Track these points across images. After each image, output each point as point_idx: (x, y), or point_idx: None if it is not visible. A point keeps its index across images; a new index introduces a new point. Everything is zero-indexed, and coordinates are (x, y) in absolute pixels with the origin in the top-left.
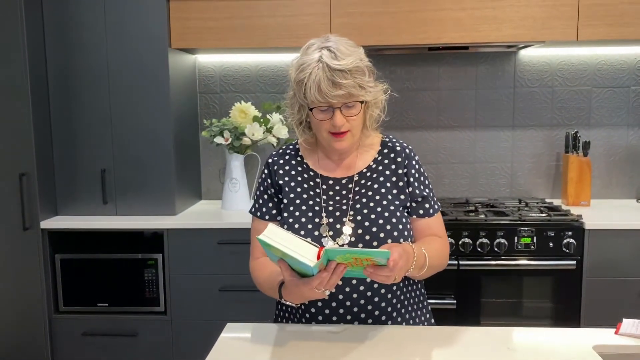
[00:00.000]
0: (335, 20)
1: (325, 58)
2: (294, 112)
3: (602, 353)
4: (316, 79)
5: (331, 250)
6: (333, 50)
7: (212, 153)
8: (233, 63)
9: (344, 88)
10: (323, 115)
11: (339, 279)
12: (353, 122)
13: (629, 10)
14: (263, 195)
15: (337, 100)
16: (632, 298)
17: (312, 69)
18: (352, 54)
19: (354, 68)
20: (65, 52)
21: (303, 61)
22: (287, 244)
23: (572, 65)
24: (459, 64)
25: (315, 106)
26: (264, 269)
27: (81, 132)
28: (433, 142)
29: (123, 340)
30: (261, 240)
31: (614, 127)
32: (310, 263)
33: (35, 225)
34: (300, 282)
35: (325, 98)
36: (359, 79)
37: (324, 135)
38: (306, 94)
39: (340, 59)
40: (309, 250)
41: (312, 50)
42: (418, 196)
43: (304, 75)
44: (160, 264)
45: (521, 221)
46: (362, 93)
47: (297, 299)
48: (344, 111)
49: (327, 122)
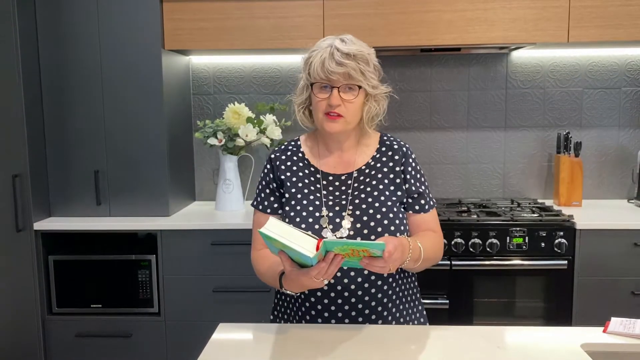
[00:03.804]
0: (328, 22)
1: (336, 44)
2: (298, 93)
3: (590, 351)
4: (322, 57)
5: (329, 241)
6: (345, 40)
7: (205, 154)
8: (226, 64)
9: (344, 67)
10: (322, 93)
11: (336, 269)
12: (349, 106)
13: (619, 11)
14: (265, 189)
15: (336, 78)
16: (622, 297)
17: (321, 50)
18: (362, 46)
19: (360, 55)
20: (58, 53)
21: (316, 47)
22: (288, 236)
23: (564, 67)
24: (451, 65)
25: (316, 81)
26: (265, 260)
27: (74, 133)
28: (426, 143)
29: (117, 342)
30: (262, 233)
31: (605, 128)
32: (309, 254)
33: (29, 227)
34: (299, 272)
35: (326, 74)
36: (362, 66)
37: (319, 117)
38: (310, 71)
39: (349, 45)
40: (308, 242)
41: (326, 40)
42: (414, 192)
43: (312, 55)
44: (154, 265)
45: (513, 221)
46: (362, 79)
47: (297, 288)
48: (342, 93)
49: (324, 103)
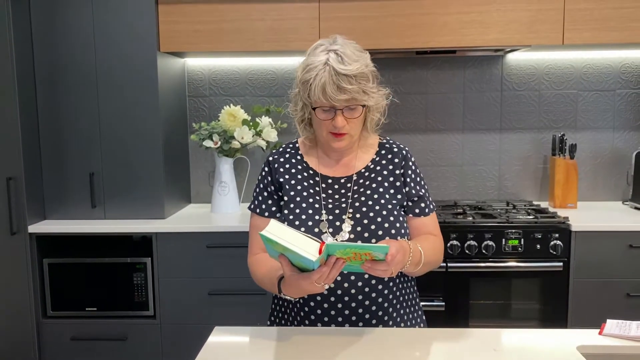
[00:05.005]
0: (323, 25)
1: (332, 61)
2: (297, 109)
3: (586, 353)
4: (321, 81)
5: (332, 245)
6: (340, 54)
7: (201, 156)
8: (222, 66)
9: (348, 93)
10: (325, 115)
11: (338, 273)
12: (353, 124)
13: (613, 14)
14: (263, 192)
15: (340, 104)
16: (618, 298)
17: (318, 70)
18: (358, 60)
19: (359, 74)
20: (53, 55)
21: (310, 62)
22: (290, 239)
23: (559, 69)
24: (446, 67)
25: (318, 106)
26: (262, 265)
27: (69, 135)
28: (421, 145)
29: (112, 345)
30: (263, 236)
31: (599, 130)
32: (312, 258)
33: (23, 230)
34: (300, 276)
35: (329, 100)
36: (363, 85)
37: (323, 134)
38: (310, 94)
39: (346, 64)
40: (311, 245)
41: (320, 52)
42: (414, 196)
43: (310, 76)
44: (150, 268)
45: (509, 223)
46: (365, 98)
47: (297, 293)
48: (345, 113)
49: (328, 123)
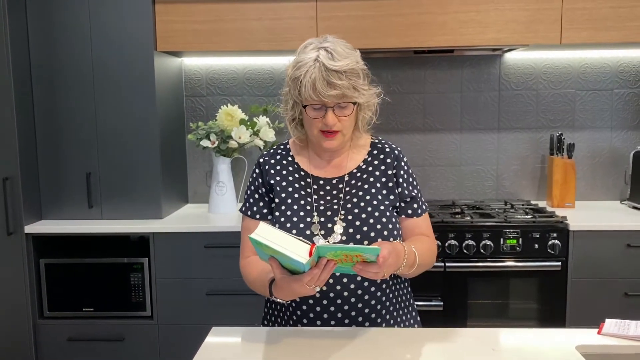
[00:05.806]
0: (321, 24)
1: (322, 58)
2: (288, 108)
3: (585, 353)
4: (312, 77)
5: (322, 247)
6: (330, 50)
7: (198, 156)
8: (219, 66)
9: (338, 89)
10: (316, 113)
11: (329, 275)
12: (344, 122)
13: (611, 14)
14: (254, 194)
15: (330, 100)
16: (616, 298)
17: (308, 67)
18: (348, 56)
19: (350, 70)
20: (50, 54)
21: (300, 59)
22: (279, 242)
23: (556, 69)
24: (444, 67)
25: (309, 104)
26: (254, 268)
27: (66, 135)
28: (419, 145)
29: (109, 345)
30: (252, 239)
31: (597, 130)
32: (302, 260)
33: (20, 230)
34: (291, 279)
35: (319, 97)
36: (353, 81)
37: (314, 133)
38: (301, 91)
39: (336, 60)
40: (301, 248)
41: (310, 50)
42: (407, 196)
43: (300, 73)
44: (147, 268)
45: (507, 223)
46: (356, 95)
47: (288, 295)
48: (336, 111)
49: (319, 121)
